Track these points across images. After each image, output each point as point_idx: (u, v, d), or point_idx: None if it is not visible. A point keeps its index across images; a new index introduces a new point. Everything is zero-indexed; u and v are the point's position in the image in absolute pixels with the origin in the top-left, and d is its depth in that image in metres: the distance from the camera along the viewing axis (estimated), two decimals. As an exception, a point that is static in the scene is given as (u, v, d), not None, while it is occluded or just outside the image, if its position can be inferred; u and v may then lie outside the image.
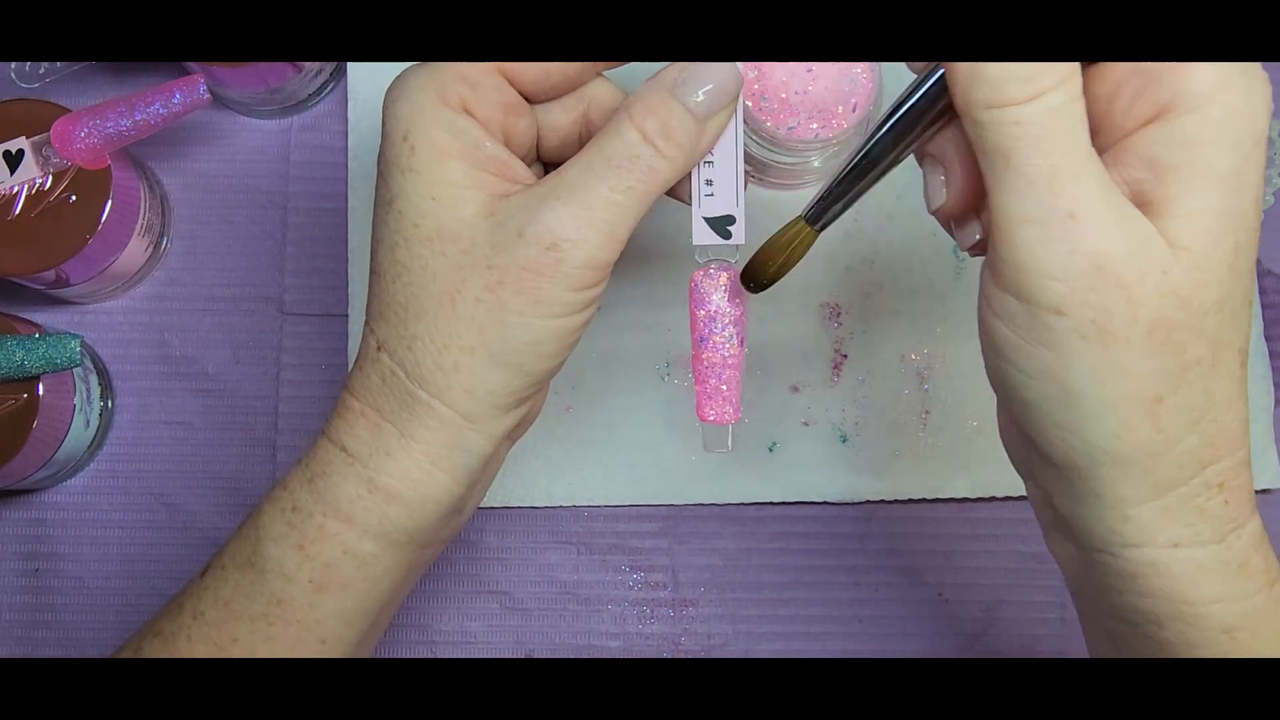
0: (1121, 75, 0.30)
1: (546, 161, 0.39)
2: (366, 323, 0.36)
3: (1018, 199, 0.29)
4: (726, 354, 0.38)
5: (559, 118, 0.37)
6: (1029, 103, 0.29)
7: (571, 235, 0.33)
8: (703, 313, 0.37)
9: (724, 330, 0.37)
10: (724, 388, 0.38)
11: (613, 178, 0.33)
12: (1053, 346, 0.30)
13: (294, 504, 0.36)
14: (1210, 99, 0.29)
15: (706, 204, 0.36)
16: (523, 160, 0.37)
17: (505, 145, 0.36)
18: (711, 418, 0.39)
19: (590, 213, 0.33)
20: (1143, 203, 0.30)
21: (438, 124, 0.34)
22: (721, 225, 0.37)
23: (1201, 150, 0.29)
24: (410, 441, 0.35)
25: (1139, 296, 0.29)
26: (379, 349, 0.36)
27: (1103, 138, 0.31)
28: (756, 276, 0.37)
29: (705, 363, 0.38)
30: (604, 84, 0.37)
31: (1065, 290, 0.29)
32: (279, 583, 0.36)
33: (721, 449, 0.40)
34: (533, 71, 0.35)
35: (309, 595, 0.36)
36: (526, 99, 0.36)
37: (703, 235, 0.37)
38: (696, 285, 0.38)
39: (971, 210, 0.33)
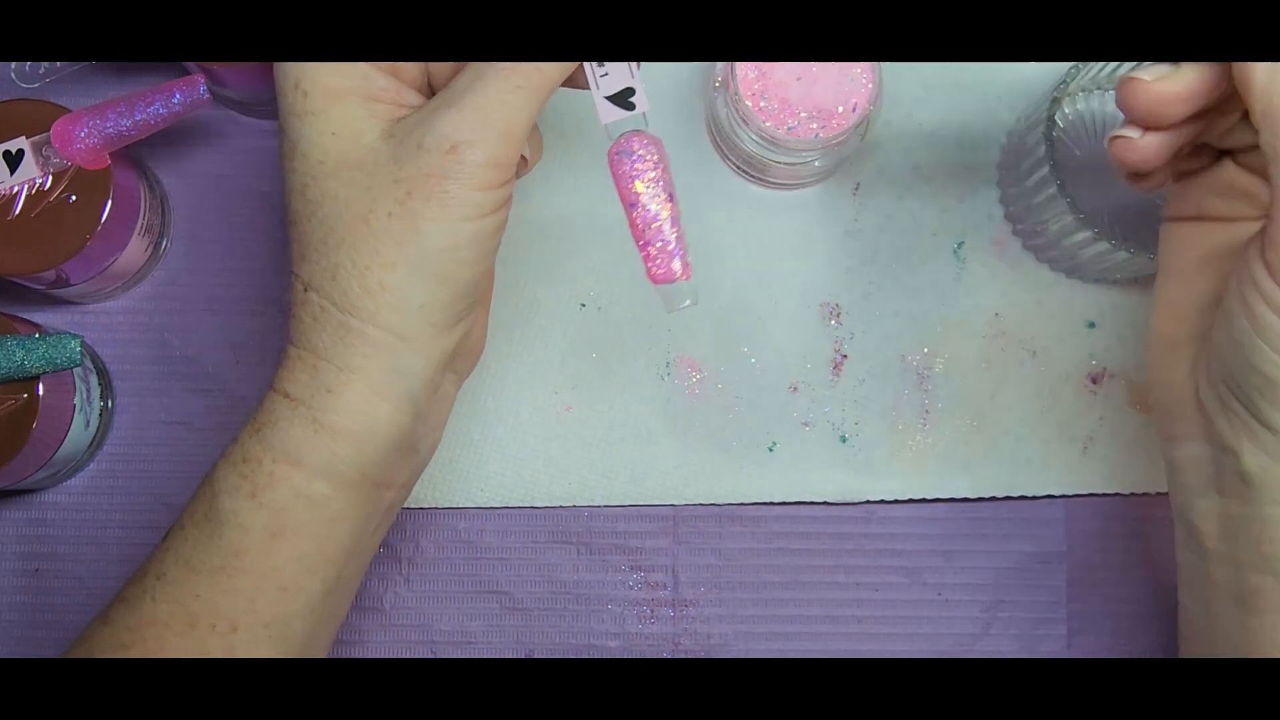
0: None
1: None
2: (291, 271, 0.37)
3: None
4: (657, 211, 0.38)
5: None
6: None
7: (468, 136, 0.34)
8: (625, 180, 0.38)
9: (649, 189, 0.38)
10: (668, 245, 0.38)
11: (500, 80, 0.35)
12: None
13: (244, 455, 0.37)
14: None
15: (604, 83, 0.38)
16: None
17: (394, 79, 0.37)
18: (661, 275, 0.39)
19: (483, 114, 0.35)
20: None
21: (325, 68, 0.36)
22: (623, 99, 0.38)
23: None
24: (349, 374, 0.36)
25: None
26: (305, 289, 0.37)
27: None
28: None
29: (641, 225, 0.38)
30: None
31: None
32: (235, 534, 0.37)
33: (683, 305, 0.39)
34: None
35: (265, 543, 0.36)
36: None
37: (608, 113, 0.38)
38: (614, 156, 0.38)
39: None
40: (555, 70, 0.36)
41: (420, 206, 0.35)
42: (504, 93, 0.35)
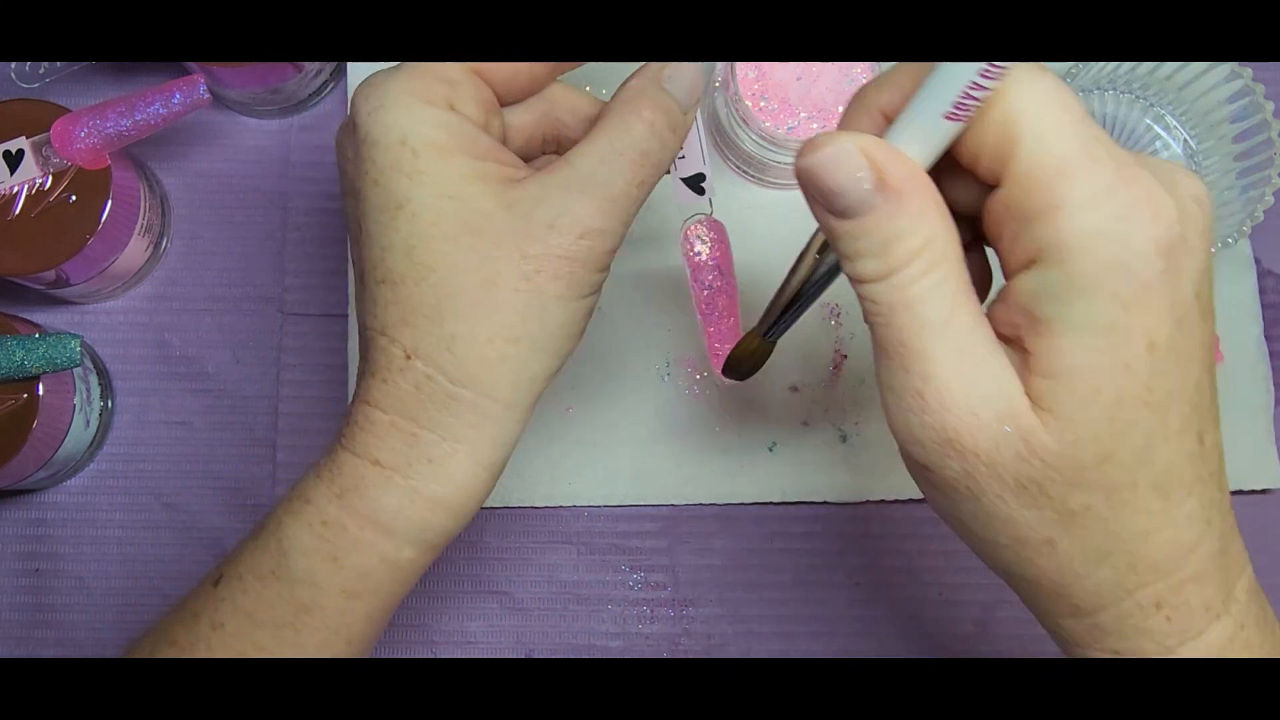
0: (999, 214, 0.29)
1: None
2: (382, 333, 0.35)
3: (881, 366, 0.30)
4: (718, 290, 0.43)
5: (522, 118, 0.39)
6: (880, 281, 0.29)
7: (600, 226, 0.35)
8: (698, 260, 0.43)
9: (711, 271, 0.43)
10: (732, 319, 0.43)
11: (630, 172, 0.35)
12: (937, 491, 0.31)
13: (323, 519, 0.36)
14: (1078, 251, 0.27)
15: (681, 166, 0.42)
16: None
17: None
18: (719, 348, 0.43)
19: (615, 205, 0.35)
20: (1021, 351, 0.29)
21: (432, 124, 0.35)
22: (695, 183, 0.42)
23: (1067, 306, 0.28)
24: (455, 445, 0.35)
25: (997, 462, 0.29)
26: (408, 357, 0.35)
27: (1003, 270, 0.30)
28: (735, 372, 0.42)
29: (704, 303, 0.43)
30: (561, 86, 0.39)
31: (925, 454, 0.30)
32: (308, 592, 0.36)
33: (738, 378, 0.43)
34: (503, 71, 0.36)
35: (340, 603, 0.36)
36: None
37: (682, 195, 0.42)
38: (687, 239, 0.43)
39: None
40: (668, 164, 0.37)
41: (549, 284, 0.35)
42: (632, 185, 0.35)
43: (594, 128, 0.36)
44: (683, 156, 0.41)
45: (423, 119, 0.34)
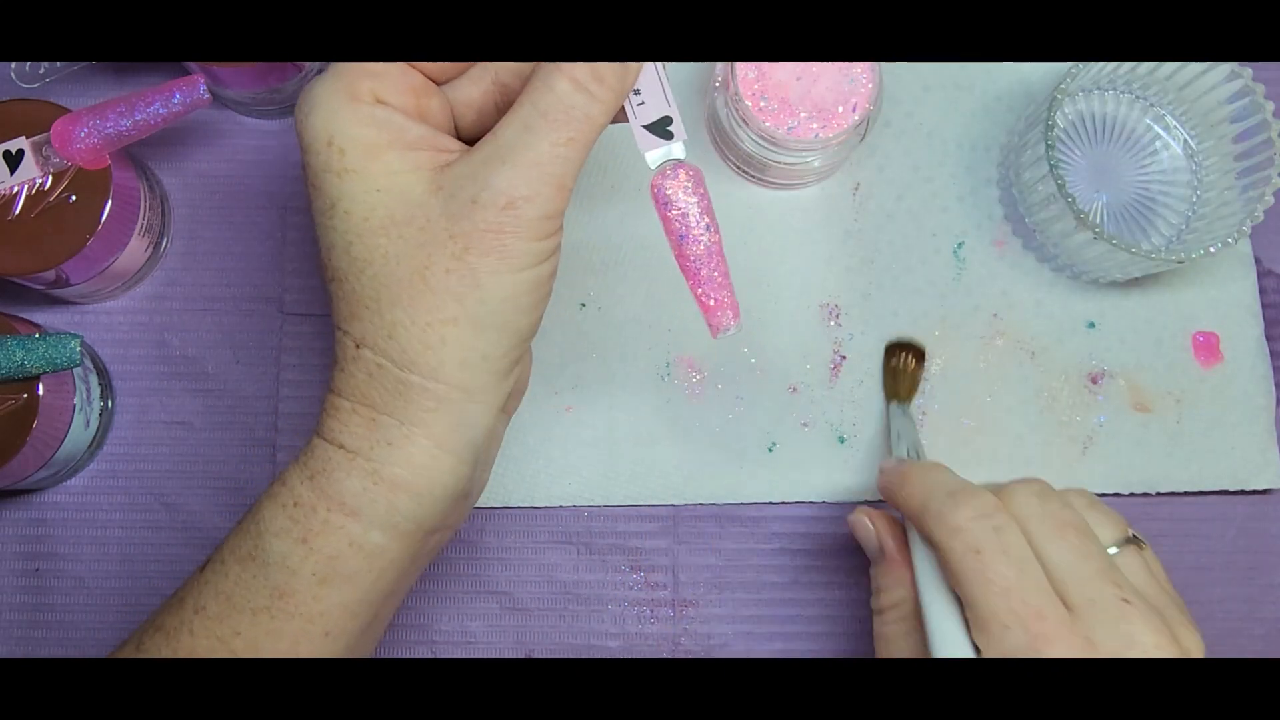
0: None
1: (466, 140, 0.39)
2: (337, 326, 0.37)
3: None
4: (708, 244, 0.38)
5: (468, 92, 0.38)
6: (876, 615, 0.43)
7: (524, 192, 0.34)
8: (674, 212, 0.38)
9: (698, 222, 0.38)
10: (716, 275, 0.39)
11: (553, 132, 0.34)
12: None
13: (295, 500, 0.36)
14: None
15: (641, 113, 0.38)
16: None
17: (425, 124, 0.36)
18: (714, 304, 0.39)
19: (538, 169, 0.34)
20: None
21: (358, 121, 0.35)
22: (661, 128, 0.38)
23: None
24: (411, 428, 0.36)
25: None
26: (358, 347, 0.36)
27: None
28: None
29: (691, 257, 0.38)
30: None
31: None
32: (282, 576, 0.36)
33: (729, 332, 0.40)
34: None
35: (313, 588, 0.36)
36: (432, 80, 0.37)
37: (647, 142, 0.38)
38: (659, 188, 0.38)
39: None
40: (604, 118, 0.35)
41: (479, 261, 0.34)
42: (557, 145, 0.34)
43: (521, 93, 0.35)
44: (641, 103, 0.37)
45: (348, 118, 0.35)
